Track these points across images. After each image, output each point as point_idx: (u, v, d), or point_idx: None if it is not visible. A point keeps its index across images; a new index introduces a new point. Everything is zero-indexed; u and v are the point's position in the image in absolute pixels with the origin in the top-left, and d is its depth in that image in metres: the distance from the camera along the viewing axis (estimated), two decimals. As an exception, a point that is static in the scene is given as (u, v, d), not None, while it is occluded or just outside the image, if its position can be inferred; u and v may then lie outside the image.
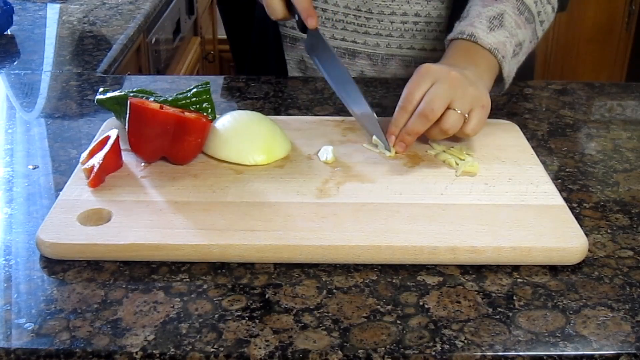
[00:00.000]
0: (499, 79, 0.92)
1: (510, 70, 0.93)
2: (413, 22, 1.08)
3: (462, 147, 0.86)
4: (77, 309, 0.62)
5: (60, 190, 0.77)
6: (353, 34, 1.10)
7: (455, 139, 0.86)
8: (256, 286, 0.66)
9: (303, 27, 0.93)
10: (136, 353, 0.58)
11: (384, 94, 1.07)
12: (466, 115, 0.82)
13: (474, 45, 0.90)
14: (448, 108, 0.81)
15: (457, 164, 0.82)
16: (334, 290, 0.65)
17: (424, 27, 1.09)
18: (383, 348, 0.58)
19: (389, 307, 0.63)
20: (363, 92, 0.89)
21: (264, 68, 1.19)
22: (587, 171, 0.87)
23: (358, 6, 1.08)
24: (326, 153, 0.84)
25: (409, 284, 0.66)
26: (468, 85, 0.83)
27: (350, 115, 0.90)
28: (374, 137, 0.87)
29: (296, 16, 0.93)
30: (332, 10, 1.09)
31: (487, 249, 0.68)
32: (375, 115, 0.87)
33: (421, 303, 0.64)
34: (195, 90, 0.87)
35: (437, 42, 1.10)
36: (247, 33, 1.22)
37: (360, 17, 1.08)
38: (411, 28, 1.09)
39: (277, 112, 1.00)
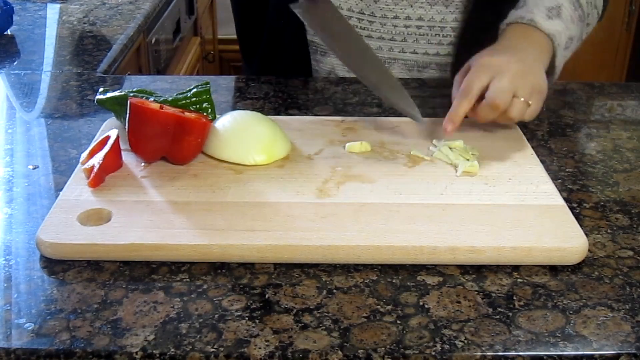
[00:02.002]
0: (550, 69, 0.94)
1: (560, 60, 0.95)
2: (416, 26, 1.08)
3: (468, 147, 0.86)
4: (77, 309, 0.62)
5: (60, 190, 0.77)
6: None
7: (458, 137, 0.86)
8: (256, 286, 0.66)
9: None
10: (136, 353, 0.58)
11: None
12: (529, 102, 0.85)
13: (534, 29, 0.92)
14: (513, 97, 0.84)
15: (457, 163, 0.82)
16: (334, 290, 0.65)
17: (427, 31, 1.09)
18: (383, 348, 0.58)
19: (389, 307, 0.63)
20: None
21: (279, 66, 1.18)
22: (587, 171, 0.87)
23: (361, 9, 1.08)
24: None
25: (409, 284, 0.66)
26: (528, 74, 0.86)
27: (351, 116, 0.90)
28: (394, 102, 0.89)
29: None
30: None
31: (487, 249, 0.68)
32: (397, 80, 0.89)
33: (421, 303, 0.64)
34: (195, 90, 0.87)
35: (440, 47, 1.10)
36: (260, 28, 1.20)
37: (363, 20, 1.08)
38: (414, 32, 1.09)
39: (277, 112, 1.00)
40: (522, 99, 0.84)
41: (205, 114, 0.85)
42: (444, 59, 1.11)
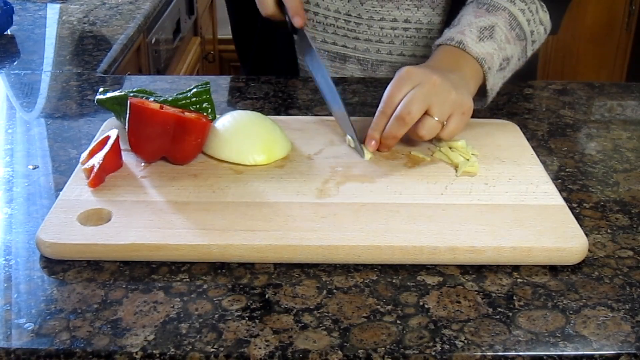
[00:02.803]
0: (482, 92, 0.92)
1: (494, 83, 0.92)
2: (403, 28, 1.08)
3: (468, 147, 0.86)
4: (77, 309, 0.62)
5: (60, 190, 0.77)
6: (343, 39, 1.10)
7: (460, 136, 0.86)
8: (256, 286, 0.66)
9: (293, 27, 0.94)
10: (136, 353, 0.58)
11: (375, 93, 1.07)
12: (444, 122, 0.82)
13: (462, 52, 0.90)
14: (426, 113, 0.81)
15: (457, 162, 0.82)
16: (334, 290, 0.65)
17: (414, 33, 1.08)
18: (383, 348, 0.58)
19: (389, 307, 0.63)
20: (344, 91, 0.90)
21: (270, 66, 1.18)
22: (587, 171, 0.87)
23: (348, 11, 1.08)
24: None
25: (409, 284, 0.66)
26: (450, 89, 0.82)
27: (351, 116, 0.90)
28: (348, 137, 0.87)
29: (287, 16, 0.94)
30: (323, 14, 1.09)
31: (487, 249, 0.68)
32: (347, 115, 0.88)
33: (421, 303, 0.64)
34: (195, 90, 0.87)
35: (427, 49, 1.10)
36: (252, 30, 1.21)
37: (350, 22, 1.08)
38: (401, 34, 1.09)
39: (277, 112, 1.00)
40: (436, 119, 0.81)
41: (205, 114, 0.85)
42: None
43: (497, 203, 0.76)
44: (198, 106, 0.86)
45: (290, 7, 0.93)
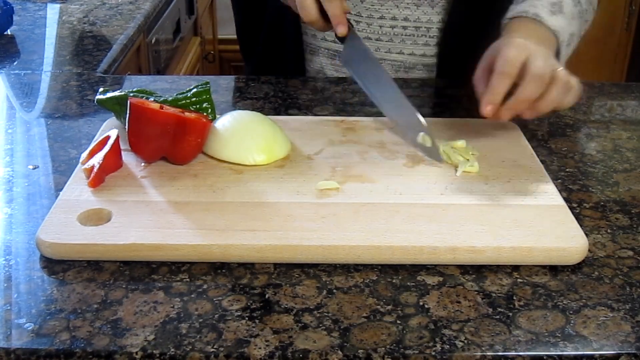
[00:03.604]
0: None
1: (563, 58, 0.92)
2: (402, 26, 1.08)
3: (468, 147, 0.86)
4: (77, 309, 0.62)
5: (60, 190, 0.77)
6: None
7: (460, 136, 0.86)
8: (256, 286, 0.66)
9: (338, 36, 0.92)
10: (136, 353, 0.58)
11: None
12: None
13: (538, 24, 0.89)
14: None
15: (457, 162, 0.82)
16: (334, 290, 0.65)
17: (413, 32, 1.08)
18: (383, 348, 0.58)
19: (389, 307, 0.63)
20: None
21: (276, 65, 1.18)
22: (587, 171, 0.87)
23: None
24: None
25: (409, 284, 0.66)
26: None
27: (351, 116, 0.90)
28: (421, 135, 0.86)
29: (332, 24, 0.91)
30: None
31: (487, 249, 0.68)
32: (425, 123, 0.86)
33: (421, 303, 0.64)
34: (195, 90, 0.87)
35: (426, 48, 1.10)
36: (259, 27, 1.20)
37: (349, 20, 1.08)
38: (400, 33, 1.09)
39: (277, 112, 1.00)
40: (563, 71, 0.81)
41: (205, 114, 0.85)
42: (430, 60, 1.11)
43: (497, 203, 0.76)
44: (198, 106, 0.86)
45: (333, 16, 0.89)
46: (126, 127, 0.81)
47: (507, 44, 0.83)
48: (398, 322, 0.61)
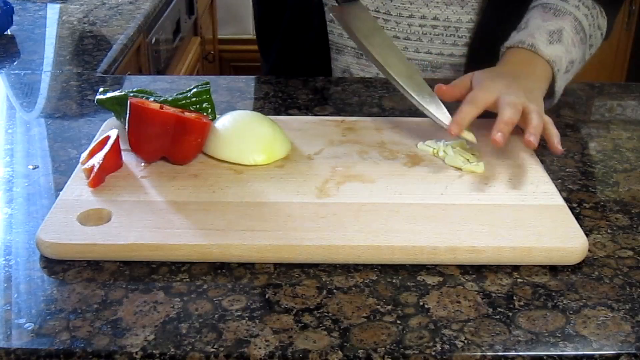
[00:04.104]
0: (549, 93, 0.95)
1: (560, 85, 0.95)
2: (431, 25, 1.08)
3: (468, 148, 0.86)
4: (77, 309, 0.62)
5: (60, 190, 0.77)
6: None
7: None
8: (256, 286, 0.66)
9: None
10: (136, 353, 0.58)
11: (384, 94, 1.07)
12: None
13: (534, 55, 0.92)
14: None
15: (458, 165, 0.82)
16: (334, 290, 0.65)
17: (442, 31, 1.08)
18: (383, 348, 0.58)
19: (389, 307, 0.63)
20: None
21: (298, 64, 1.17)
22: (587, 171, 0.87)
23: (377, 7, 1.08)
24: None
25: (409, 284, 0.66)
26: (529, 100, 0.85)
27: (351, 116, 0.90)
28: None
29: None
30: None
31: (487, 249, 0.68)
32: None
33: (421, 303, 0.64)
34: (195, 90, 0.87)
35: (454, 48, 1.10)
36: (278, 21, 1.19)
37: (378, 18, 1.08)
38: (429, 32, 1.09)
39: (277, 112, 1.00)
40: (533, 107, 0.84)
41: (205, 114, 0.85)
42: (458, 60, 1.11)
43: (497, 203, 0.76)
44: (198, 106, 0.86)
45: None
46: (126, 127, 0.81)
47: (479, 84, 0.87)
48: (398, 322, 0.61)
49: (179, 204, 0.74)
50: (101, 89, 0.91)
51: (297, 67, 1.16)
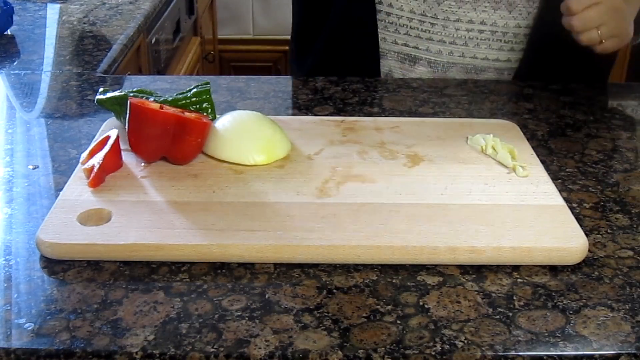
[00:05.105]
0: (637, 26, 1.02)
1: None
2: (478, 30, 1.07)
3: (504, 144, 0.86)
4: (77, 309, 0.62)
5: (60, 190, 0.77)
6: (415, 40, 1.09)
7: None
8: (256, 286, 0.66)
9: None
10: (136, 353, 0.58)
11: (384, 94, 1.07)
12: (604, 40, 0.96)
13: None
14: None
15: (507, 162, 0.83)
16: (334, 290, 0.65)
17: (488, 36, 1.08)
18: (383, 348, 0.59)
19: (389, 307, 0.63)
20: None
21: (343, 65, 1.16)
22: (587, 171, 0.87)
23: (424, 11, 1.07)
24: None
25: (409, 284, 0.66)
26: (622, 19, 0.94)
27: (351, 116, 0.90)
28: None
29: None
30: (396, 15, 1.08)
31: (487, 249, 0.68)
32: None
33: (421, 303, 0.64)
34: (195, 90, 0.87)
35: (500, 52, 1.09)
36: (321, 23, 1.17)
37: (425, 22, 1.07)
38: (476, 36, 1.08)
39: (277, 112, 1.00)
40: (599, 32, 0.94)
41: (205, 114, 0.85)
42: (503, 64, 1.11)
43: (497, 203, 0.76)
44: (198, 106, 0.86)
45: None
46: (126, 127, 0.81)
47: None
48: (398, 322, 0.61)
49: (179, 204, 0.74)
50: (101, 89, 0.91)
51: (343, 70, 1.14)
